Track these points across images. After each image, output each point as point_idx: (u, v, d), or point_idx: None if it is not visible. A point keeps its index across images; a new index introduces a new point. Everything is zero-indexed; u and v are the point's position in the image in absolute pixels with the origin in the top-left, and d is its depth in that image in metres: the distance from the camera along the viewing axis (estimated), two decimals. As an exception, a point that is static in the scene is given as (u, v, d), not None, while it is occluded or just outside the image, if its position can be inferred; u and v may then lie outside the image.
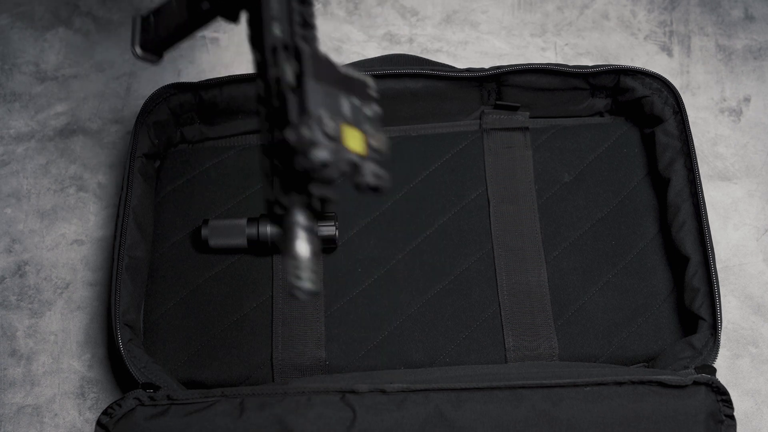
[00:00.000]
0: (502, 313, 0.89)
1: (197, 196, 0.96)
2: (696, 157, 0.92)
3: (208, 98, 0.97)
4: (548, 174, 0.96)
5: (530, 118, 0.98)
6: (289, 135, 0.57)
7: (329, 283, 0.91)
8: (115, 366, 0.92)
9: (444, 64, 1.00)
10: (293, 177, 0.59)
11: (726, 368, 0.91)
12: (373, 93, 0.63)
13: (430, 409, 0.76)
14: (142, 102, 0.96)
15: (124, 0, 1.13)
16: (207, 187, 0.96)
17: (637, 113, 0.98)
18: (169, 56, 1.09)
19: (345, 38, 1.11)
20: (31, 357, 0.93)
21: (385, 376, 0.84)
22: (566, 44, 1.10)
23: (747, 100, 1.05)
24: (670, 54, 1.09)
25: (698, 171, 0.91)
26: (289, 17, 0.61)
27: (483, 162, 0.96)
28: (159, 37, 0.73)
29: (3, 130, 1.05)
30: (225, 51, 1.10)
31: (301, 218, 0.59)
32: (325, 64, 0.60)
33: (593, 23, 1.11)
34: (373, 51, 1.10)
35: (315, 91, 0.58)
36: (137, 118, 0.95)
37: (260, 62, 0.63)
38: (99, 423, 0.76)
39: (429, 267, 0.91)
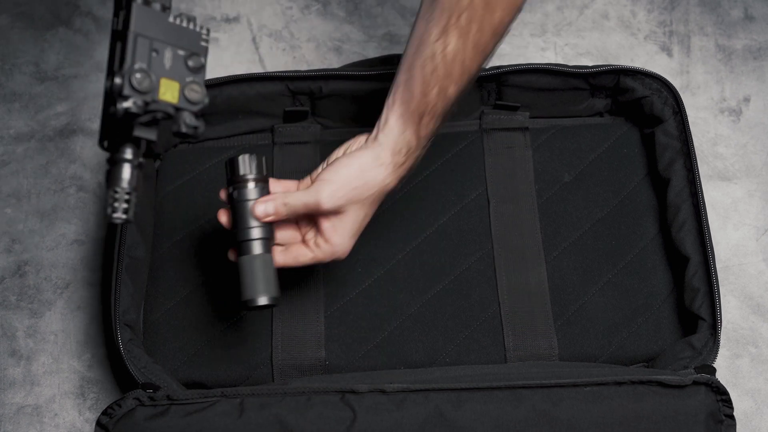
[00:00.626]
0: (502, 313, 0.89)
1: (197, 196, 0.96)
2: (696, 158, 0.92)
3: (208, 98, 0.97)
4: (548, 174, 0.96)
5: (530, 118, 0.98)
6: (105, 83, 0.64)
7: (329, 283, 0.91)
8: (115, 366, 0.92)
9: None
10: (115, 120, 0.65)
11: (726, 368, 0.91)
12: (205, 44, 0.68)
13: (430, 409, 0.76)
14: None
15: (124, 0, 1.13)
16: (207, 187, 0.96)
17: (637, 113, 0.98)
18: (169, 56, 1.10)
19: (345, 38, 1.11)
20: (31, 357, 0.93)
21: (385, 376, 0.84)
22: (566, 44, 1.10)
23: (747, 100, 1.05)
24: (669, 54, 1.09)
25: (698, 171, 0.91)
26: None
27: (483, 162, 0.96)
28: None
29: (3, 130, 1.05)
30: (225, 51, 1.10)
31: (124, 154, 0.67)
32: (155, 16, 0.65)
33: (593, 23, 1.11)
34: (373, 51, 1.10)
35: (136, 44, 0.64)
36: None
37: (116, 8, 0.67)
38: (99, 423, 0.76)
39: (429, 267, 0.91)
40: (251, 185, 0.77)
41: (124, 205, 0.67)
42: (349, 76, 0.96)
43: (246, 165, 0.77)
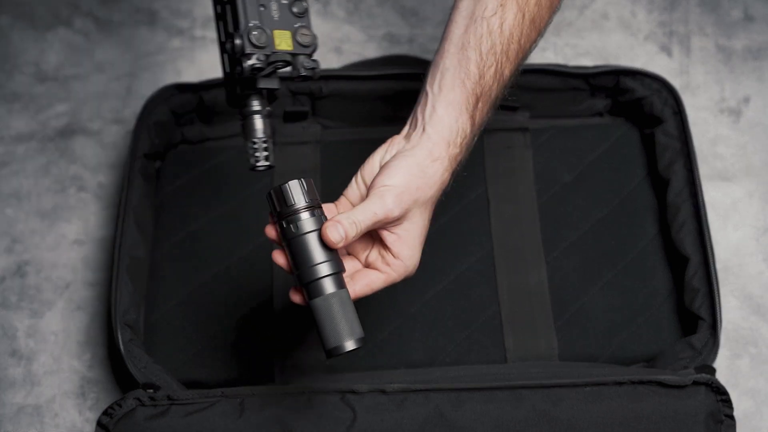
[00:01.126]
0: (502, 313, 0.89)
1: (197, 197, 0.96)
2: (696, 158, 0.92)
3: (209, 98, 0.97)
4: (548, 174, 0.96)
5: (530, 118, 0.98)
6: (227, 47, 0.69)
7: None
8: (116, 366, 0.92)
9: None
10: (241, 78, 0.71)
11: (725, 368, 0.91)
12: None
13: (430, 410, 0.76)
14: (142, 102, 0.97)
15: (124, 0, 1.13)
16: (207, 187, 0.96)
17: (636, 114, 0.98)
18: (169, 56, 1.10)
19: (345, 38, 1.11)
20: (31, 357, 0.93)
21: (385, 377, 0.84)
22: (566, 44, 1.10)
23: (746, 100, 1.05)
24: (669, 54, 1.09)
25: (698, 172, 0.91)
26: None
27: (483, 162, 0.96)
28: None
29: (3, 130, 1.05)
30: (225, 51, 1.10)
31: (253, 106, 0.72)
32: None
33: (593, 23, 1.11)
34: (373, 51, 1.10)
35: (246, 3, 0.68)
36: (138, 118, 0.95)
37: None
38: (99, 423, 0.76)
39: (429, 267, 0.91)
40: (306, 215, 0.67)
41: (264, 153, 0.72)
42: (349, 77, 0.96)
43: (298, 192, 0.67)
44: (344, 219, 0.66)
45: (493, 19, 0.70)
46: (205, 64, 1.09)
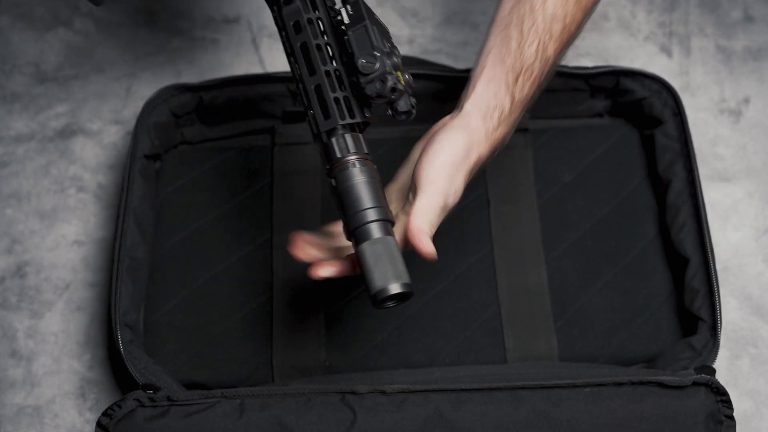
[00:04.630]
0: (502, 314, 0.89)
1: (197, 197, 0.96)
2: (695, 159, 0.92)
3: (209, 99, 0.97)
4: (548, 174, 0.96)
5: (530, 119, 0.98)
6: (365, 67, 0.69)
7: (329, 284, 0.91)
8: (116, 366, 0.92)
9: (444, 65, 1.00)
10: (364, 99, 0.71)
11: (725, 369, 0.91)
12: (392, 39, 0.74)
13: (429, 410, 0.76)
14: (142, 103, 0.97)
15: (124, 1, 1.14)
16: (207, 187, 0.96)
17: (637, 114, 0.98)
18: (169, 57, 1.10)
19: (345, 39, 1.11)
20: (31, 358, 0.93)
21: (385, 377, 0.84)
22: (566, 45, 1.10)
23: (746, 100, 1.06)
24: (669, 55, 1.09)
25: (698, 172, 0.91)
26: None
27: None
28: None
29: (3, 131, 1.05)
30: (225, 51, 1.10)
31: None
32: (369, 10, 0.72)
33: (593, 24, 1.11)
34: (373, 52, 1.10)
35: (374, 31, 0.70)
36: (138, 118, 0.95)
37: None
38: (99, 424, 0.76)
39: (429, 267, 0.91)
40: (357, 165, 0.70)
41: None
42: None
43: (344, 146, 0.70)
44: (422, 225, 0.70)
45: None
46: (204, 65, 1.09)
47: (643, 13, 1.12)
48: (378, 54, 0.69)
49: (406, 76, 0.71)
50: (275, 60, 1.09)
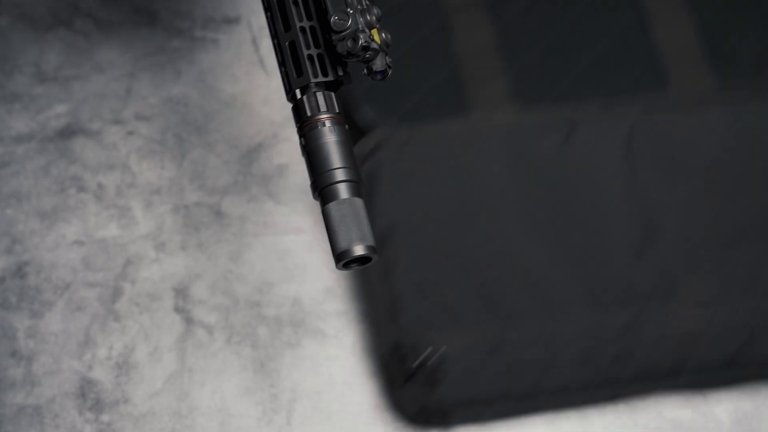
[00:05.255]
0: None
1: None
2: None
3: None
4: None
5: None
6: (337, 24, 0.68)
7: None
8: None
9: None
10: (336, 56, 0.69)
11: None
12: None
13: None
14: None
15: (124, 1, 1.13)
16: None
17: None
18: (169, 57, 1.10)
19: (345, 39, 1.11)
20: (31, 357, 0.93)
21: None
22: (566, 45, 1.10)
23: (747, 100, 1.05)
24: (669, 54, 1.09)
25: None
26: None
27: None
28: None
29: (3, 131, 1.05)
30: (225, 51, 1.10)
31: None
32: None
33: (593, 24, 1.11)
34: (373, 51, 1.10)
35: None
36: None
37: None
38: None
39: None
40: (328, 123, 0.69)
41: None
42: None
43: (315, 104, 0.69)
44: None
45: None
46: (204, 65, 1.09)
47: (643, 12, 1.12)
48: (351, 11, 0.68)
49: (383, 35, 0.70)
50: (275, 60, 1.09)
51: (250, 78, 1.08)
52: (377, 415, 0.90)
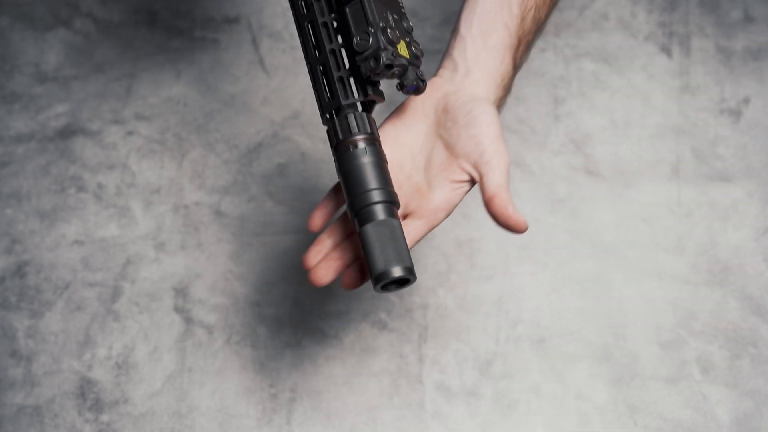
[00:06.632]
0: None
1: None
2: None
3: None
4: None
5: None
6: (359, 45, 0.67)
7: None
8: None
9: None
10: (360, 77, 0.69)
11: (726, 368, 0.91)
12: (403, 9, 0.72)
13: None
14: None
15: (124, 1, 1.14)
16: None
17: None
18: (169, 57, 1.10)
19: (345, 39, 1.11)
20: (31, 357, 0.93)
21: None
22: (566, 45, 1.10)
23: (746, 100, 1.06)
24: (669, 55, 1.09)
25: None
26: None
27: None
28: None
29: (3, 130, 1.05)
30: (225, 52, 1.10)
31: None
32: None
33: (593, 24, 1.11)
34: (373, 52, 1.10)
35: (372, 5, 0.68)
36: None
37: None
38: None
39: None
40: (363, 144, 0.68)
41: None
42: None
43: (354, 124, 0.68)
44: (509, 201, 0.67)
45: None
46: (205, 64, 1.09)
47: (643, 13, 1.12)
48: (372, 30, 0.67)
49: (412, 48, 0.69)
50: (275, 60, 1.09)
51: (250, 78, 1.08)
52: (377, 415, 0.90)
